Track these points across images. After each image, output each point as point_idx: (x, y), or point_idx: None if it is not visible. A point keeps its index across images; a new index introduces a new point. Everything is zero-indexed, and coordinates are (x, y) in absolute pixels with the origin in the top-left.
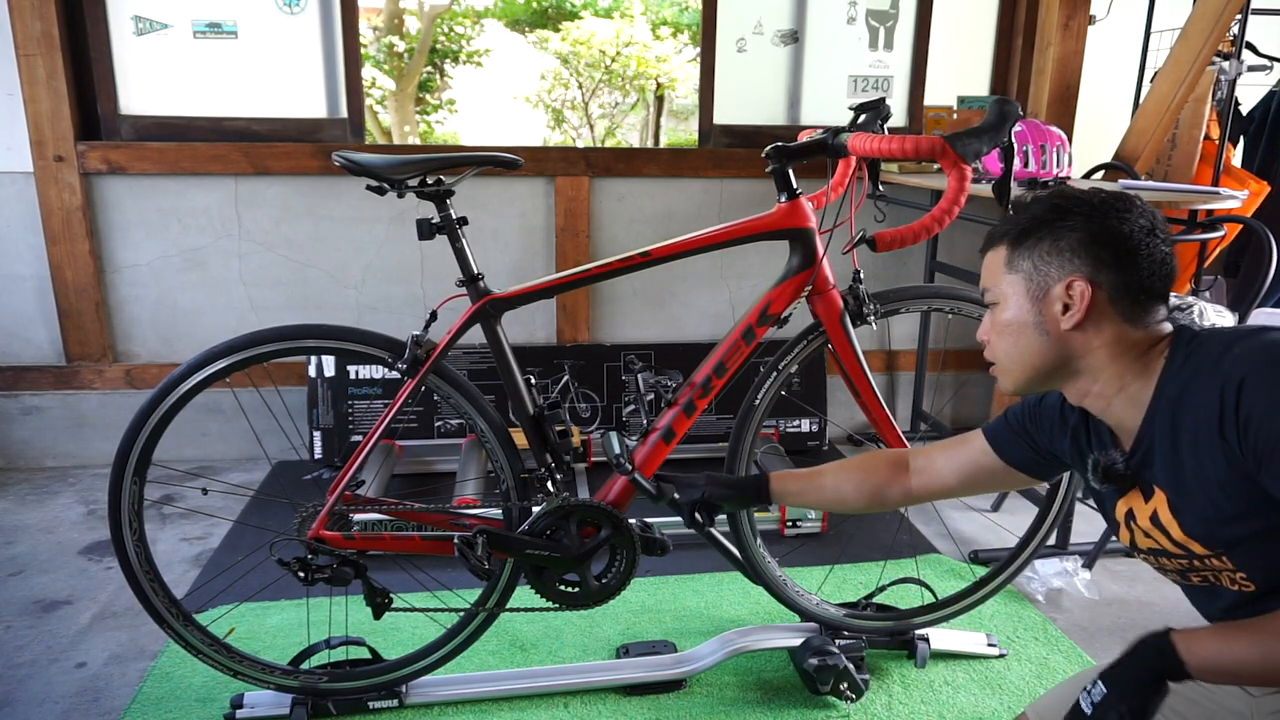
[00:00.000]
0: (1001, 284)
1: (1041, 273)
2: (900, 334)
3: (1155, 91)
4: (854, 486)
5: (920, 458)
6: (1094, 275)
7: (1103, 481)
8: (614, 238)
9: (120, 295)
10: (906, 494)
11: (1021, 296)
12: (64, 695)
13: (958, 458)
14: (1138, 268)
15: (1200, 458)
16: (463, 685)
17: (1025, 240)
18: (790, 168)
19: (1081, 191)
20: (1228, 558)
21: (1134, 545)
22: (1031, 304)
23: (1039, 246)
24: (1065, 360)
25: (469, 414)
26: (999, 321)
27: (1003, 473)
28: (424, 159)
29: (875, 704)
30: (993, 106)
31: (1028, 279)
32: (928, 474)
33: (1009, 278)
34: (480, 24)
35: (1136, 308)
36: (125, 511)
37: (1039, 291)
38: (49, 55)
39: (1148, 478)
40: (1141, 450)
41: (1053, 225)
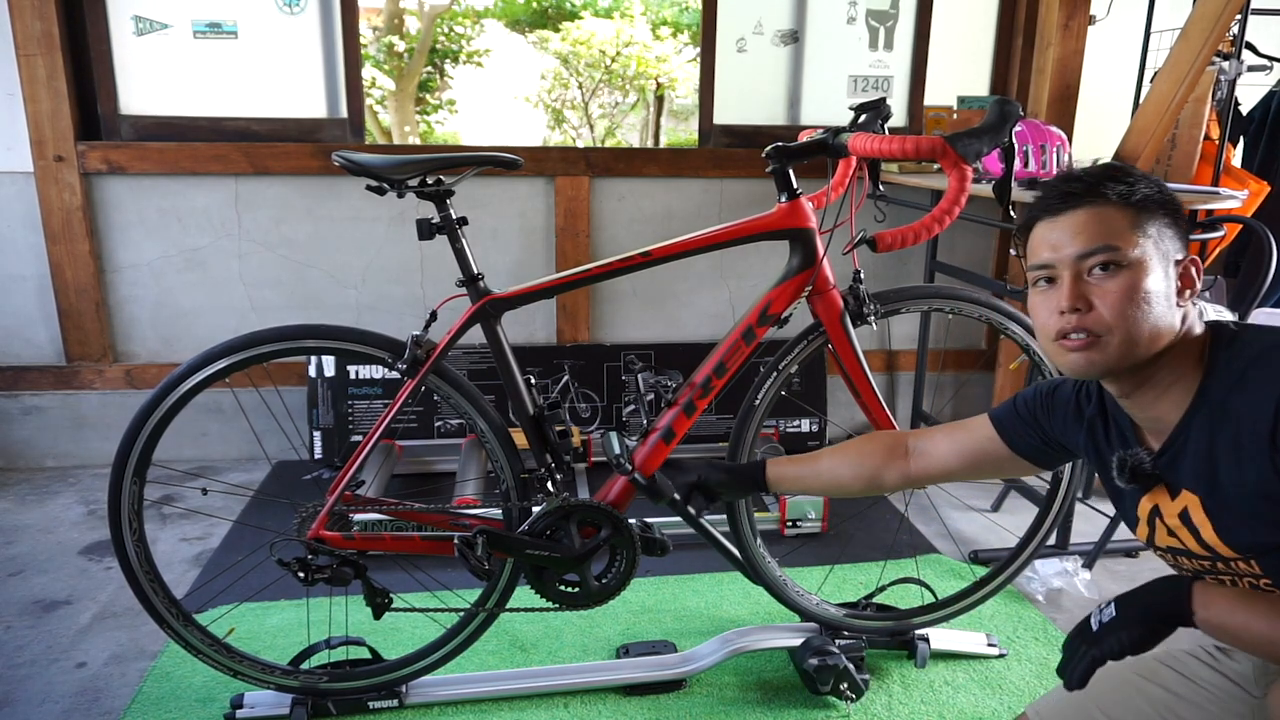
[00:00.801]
0: (1127, 243)
1: (1163, 246)
2: (900, 334)
3: (1155, 91)
4: (850, 470)
5: (921, 439)
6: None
7: (1129, 480)
8: (614, 238)
9: (120, 295)
10: (904, 477)
11: (1158, 263)
12: (64, 695)
13: (961, 441)
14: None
15: (1242, 465)
16: (463, 685)
17: (1147, 208)
18: (790, 168)
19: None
20: (1257, 563)
21: (1151, 542)
22: (1157, 266)
23: (1157, 218)
24: (1174, 340)
25: (469, 414)
26: (1138, 286)
27: (1007, 460)
28: (424, 159)
29: (875, 704)
30: (993, 107)
31: (1157, 246)
32: (928, 457)
33: (1136, 240)
34: (480, 24)
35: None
36: (125, 511)
37: (1161, 260)
38: (49, 55)
39: (1175, 478)
40: (1172, 450)
41: (1168, 205)
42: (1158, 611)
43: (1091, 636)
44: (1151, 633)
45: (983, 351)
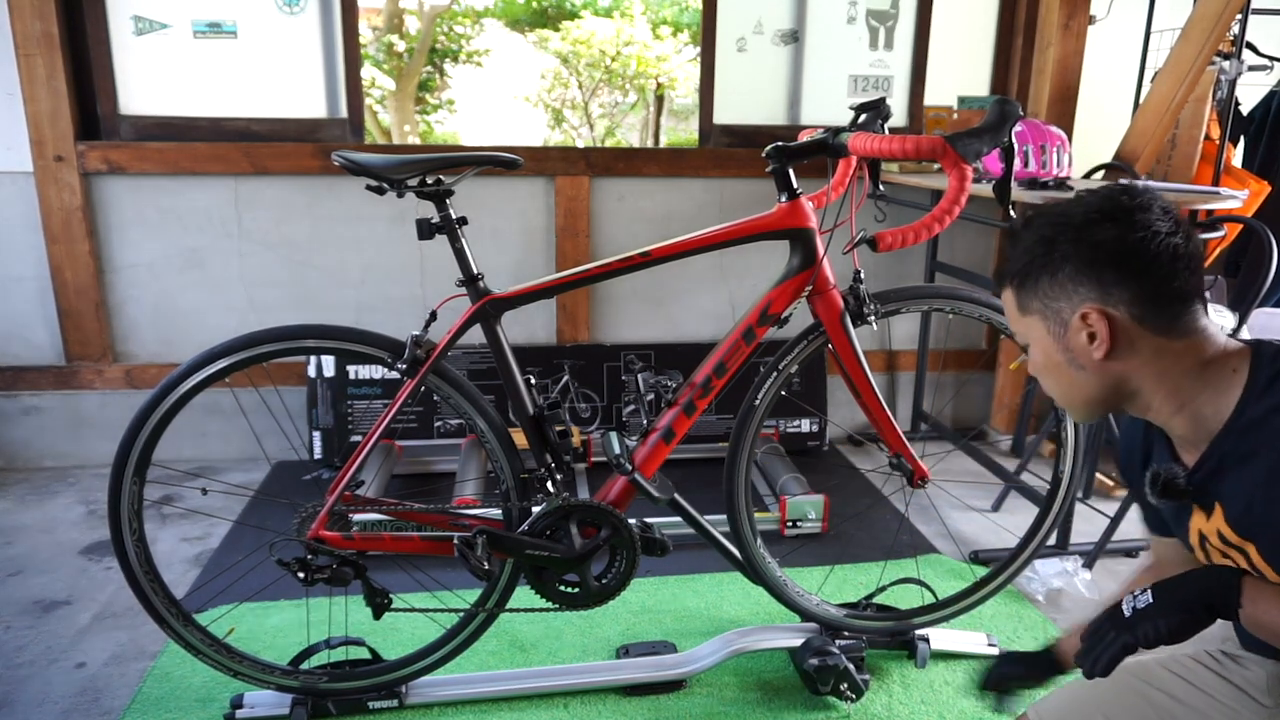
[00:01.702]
0: (1021, 328)
1: (1054, 310)
2: (900, 334)
3: (1155, 91)
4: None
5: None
6: (1104, 299)
7: (1161, 496)
8: (614, 238)
9: (120, 295)
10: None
11: (1044, 337)
12: (64, 695)
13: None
14: (1148, 275)
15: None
16: (463, 685)
17: (1026, 281)
18: (790, 167)
19: (1065, 207)
20: None
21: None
22: (1055, 343)
23: (1040, 285)
24: (1117, 386)
25: (469, 414)
26: (1035, 365)
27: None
28: (424, 159)
29: (875, 704)
30: (993, 107)
31: (1043, 319)
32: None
33: (1025, 320)
34: (480, 24)
35: (1166, 315)
36: (125, 511)
37: (1058, 329)
38: (49, 55)
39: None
40: (1206, 469)
41: (1046, 258)
42: (1202, 600)
43: (1124, 622)
44: (1192, 622)
45: (983, 351)
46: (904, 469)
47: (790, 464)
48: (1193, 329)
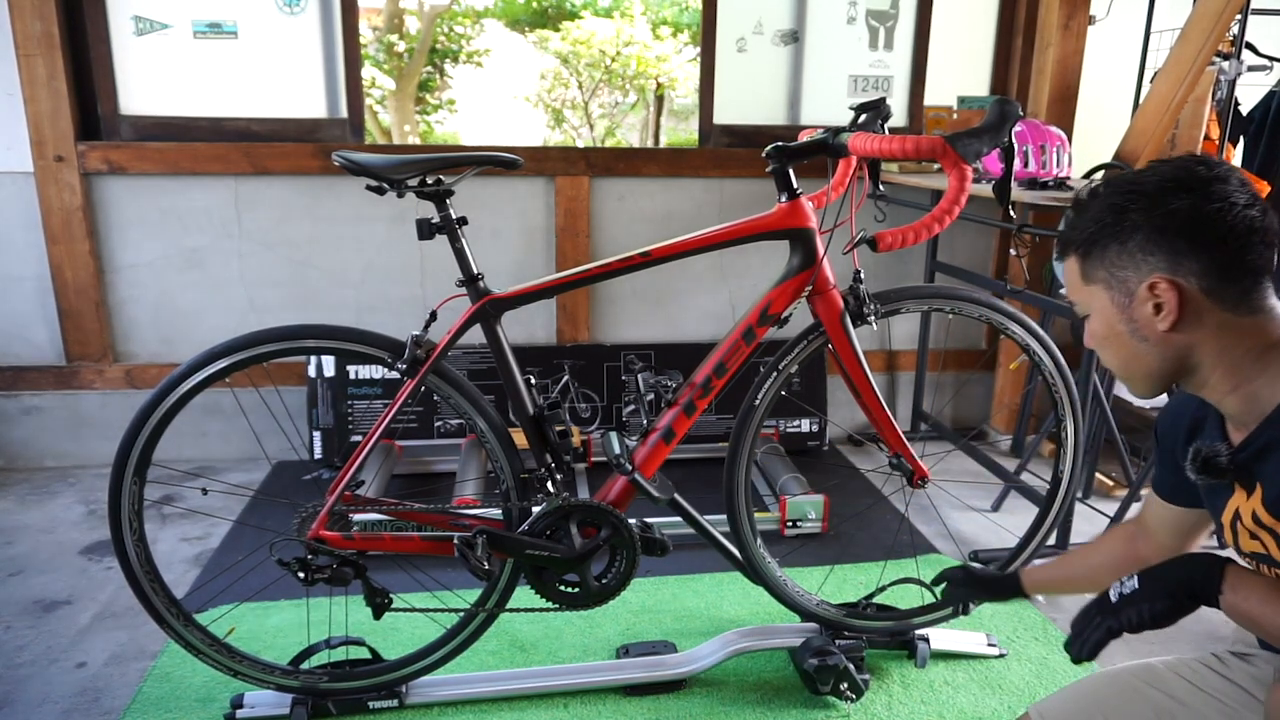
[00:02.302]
0: (1083, 297)
1: (1120, 279)
2: (900, 334)
3: (1155, 91)
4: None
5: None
6: (1174, 270)
7: (1199, 472)
8: (614, 238)
9: (120, 295)
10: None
11: (1108, 307)
12: (64, 695)
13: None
14: (1220, 246)
15: None
16: (463, 685)
17: (1093, 249)
18: (790, 167)
19: (1138, 175)
20: None
21: (1237, 548)
22: (1120, 313)
23: (1107, 253)
24: (1179, 360)
25: (469, 414)
26: (1095, 335)
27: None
28: (424, 159)
29: (875, 704)
30: (993, 107)
31: (1108, 288)
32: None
33: (1088, 289)
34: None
35: (1236, 290)
36: (125, 511)
37: (1124, 299)
38: (49, 55)
39: (1252, 476)
40: (1253, 449)
41: (1115, 226)
42: (1186, 586)
43: (1110, 607)
44: (1176, 607)
45: (983, 351)
46: (904, 469)
47: (790, 464)
48: (1261, 306)
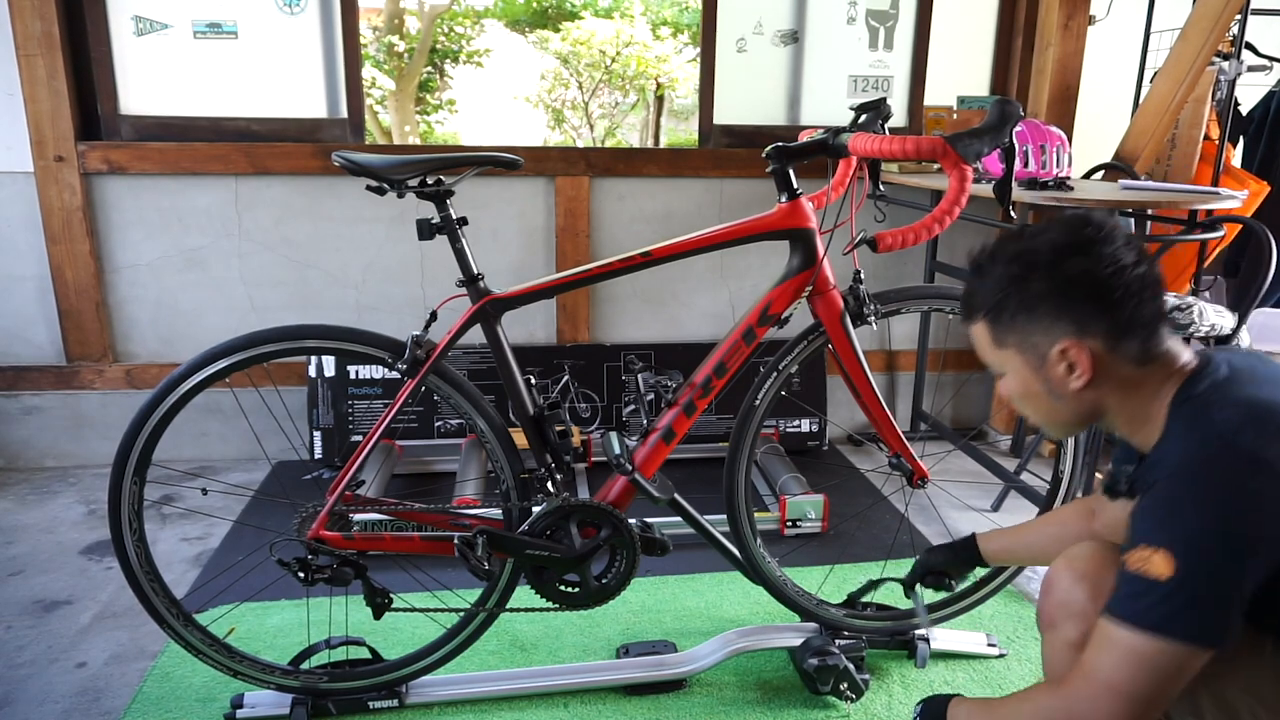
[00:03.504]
0: (996, 359)
1: (1030, 344)
2: (900, 334)
3: (1155, 91)
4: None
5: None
6: (1082, 333)
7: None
8: (614, 238)
9: (120, 295)
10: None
11: (1021, 368)
12: (64, 695)
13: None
14: (1123, 304)
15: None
16: (463, 685)
17: (1000, 316)
18: (791, 168)
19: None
20: None
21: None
22: (1034, 374)
23: (1015, 320)
24: (1092, 410)
25: (469, 414)
26: (1012, 393)
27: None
28: (424, 159)
29: (875, 704)
30: (994, 107)
31: (1020, 351)
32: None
33: (1000, 353)
34: (480, 24)
35: (1137, 344)
36: (125, 511)
37: (1036, 361)
38: (49, 55)
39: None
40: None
41: (1019, 294)
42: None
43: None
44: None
45: None
46: (904, 469)
47: (790, 464)
48: (1158, 354)
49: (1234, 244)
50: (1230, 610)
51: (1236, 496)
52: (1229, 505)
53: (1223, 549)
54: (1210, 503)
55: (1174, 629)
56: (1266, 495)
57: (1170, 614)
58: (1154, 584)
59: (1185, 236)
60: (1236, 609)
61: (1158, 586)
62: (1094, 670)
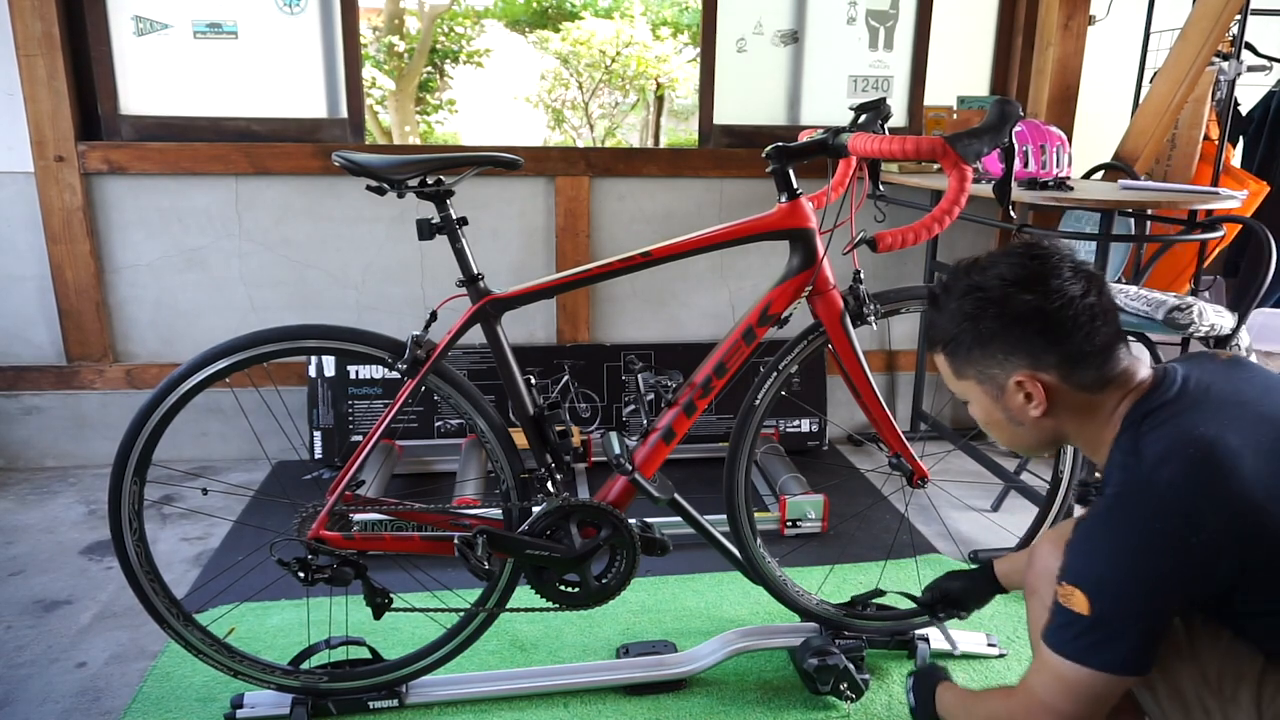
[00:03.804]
0: (958, 389)
1: (988, 376)
2: (900, 334)
3: (1155, 91)
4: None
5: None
6: (1036, 366)
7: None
8: (614, 238)
9: (120, 295)
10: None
11: (982, 399)
12: (64, 695)
13: None
14: (1072, 336)
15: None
16: (463, 685)
17: (957, 350)
18: (790, 168)
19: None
20: None
21: None
22: (994, 403)
23: (972, 354)
24: (1054, 435)
25: (469, 414)
26: (978, 419)
27: None
28: (424, 159)
29: (875, 704)
30: (993, 107)
31: (979, 382)
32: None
33: (961, 383)
34: (480, 24)
35: (1091, 371)
36: (125, 511)
37: (995, 392)
38: (49, 55)
39: None
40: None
41: (973, 329)
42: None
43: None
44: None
45: None
46: (904, 469)
47: (790, 464)
48: (1113, 378)
49: (1234, 244)
50: (1145, 642)
51: (1145, 539)
52: (1137, 551)
53: (1132, 592)
54: (1120, 548)
55: (1094, 661)
56: (1175, 535)
57: (1089, 647)
58: (1077, 618)
59: (1185, 236)
60: (1152, 640)
61: (1079, 621)
62: (1033, 688)
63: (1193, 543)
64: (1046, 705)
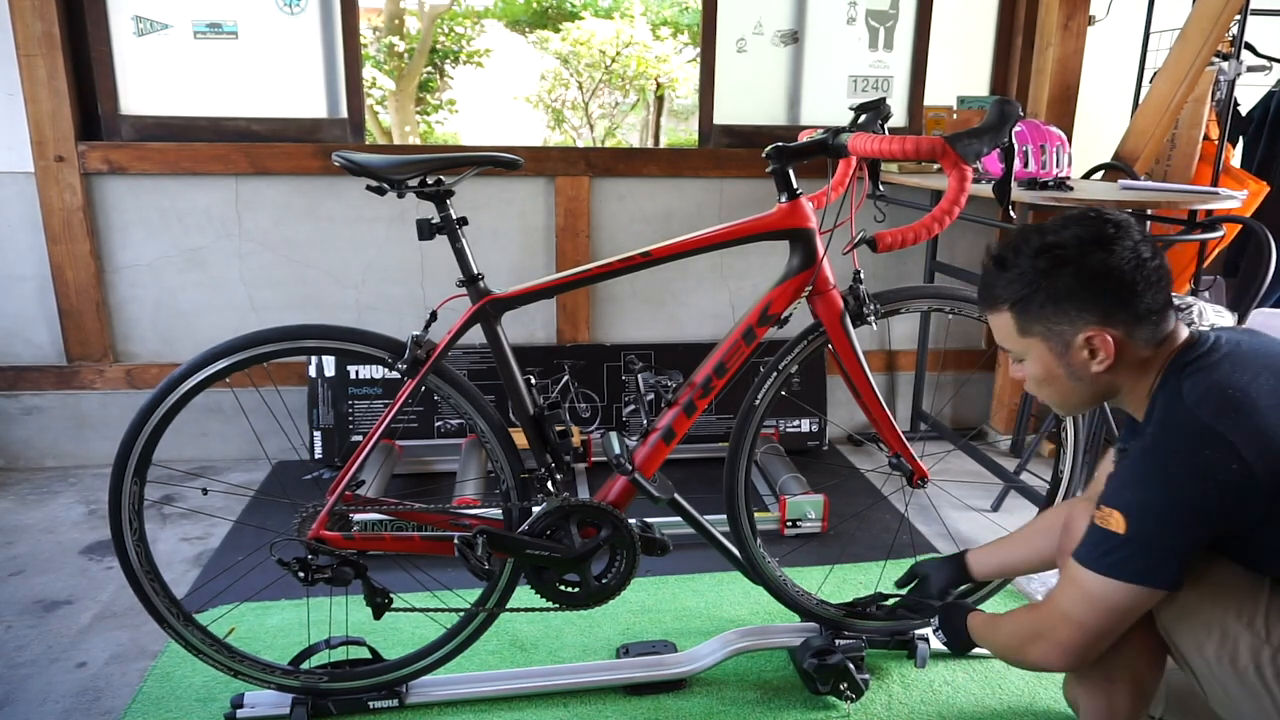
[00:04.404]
0: (1019, 347)
1: (1056, 332)
2: (900, 334)
3: (1155, 91)
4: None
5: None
6: (1106, 321)
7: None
8: (614, 238)
9: (120, 295)
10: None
11: (1045, 354)
12: (64, 695)
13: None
14: (1141, 295)
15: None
16: (463, 685)
17: (1028, 306)
18: (790, 168)
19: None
20: None
21: None
22: (1058, 360)
23: (1044, 310)
24: (1108, 390)
25: (469, 414)
26: (1033, 378)
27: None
28: (424, 159)
29: (875, 704)
30: (993, 107)
31: (1045, 339)
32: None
33: (1025, 341)
34: (480, 24)
35: (1152, 328)
36: (125, 511)
37: (1060, 348)
38: (50, 55)
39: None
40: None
41: (1048, 284)
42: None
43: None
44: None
45: (983, 351)
46: (904, 469)
47: (790, 464)
48: (1167, 335)
49: (1234, 244)
50: (1174, 562)
51: (1185, 468)
52: (1176, 479)
53: (1169, 515)
54: (1159, 476)
55: (1122, 574)
56: (1214, 465)
57: (1120, 561)
58: (1112, 537)
59: (1185, 236)
60: (1181, 560)
61: (1114, 538)
62: (1059, 601)
63: (1228, 473)
64: (1070, 617)
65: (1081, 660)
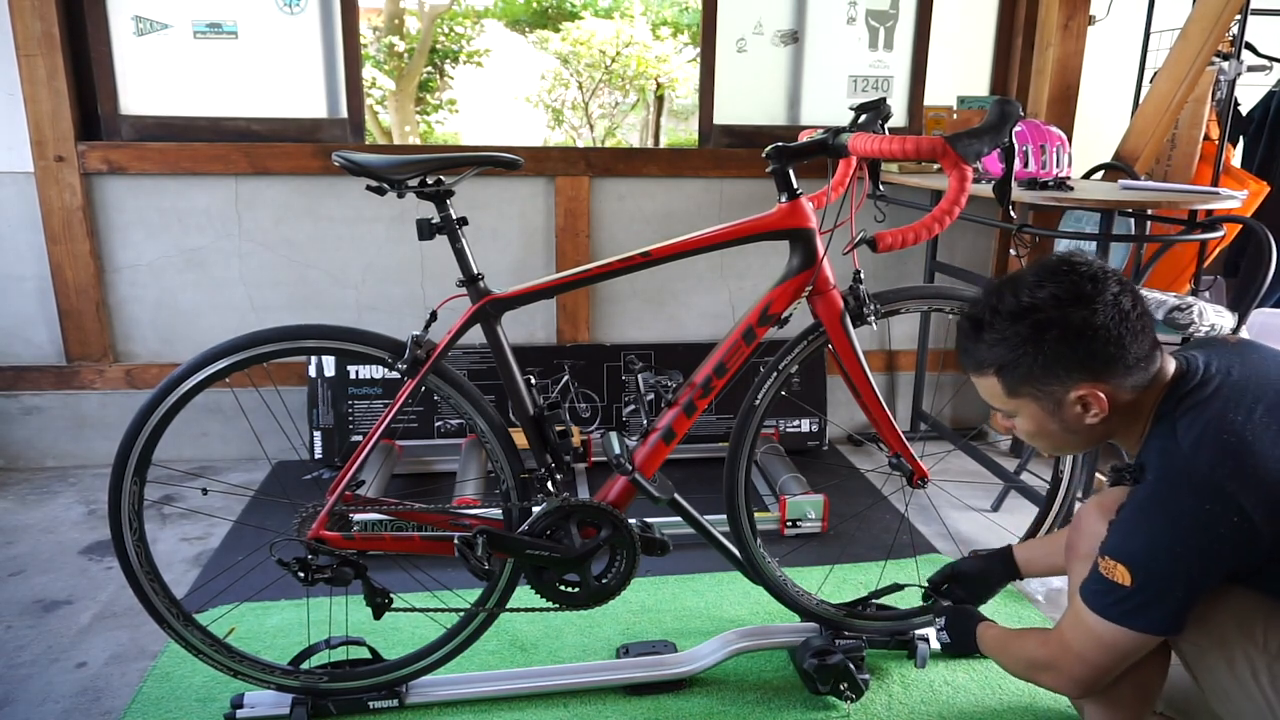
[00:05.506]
0: (1010, 407)
1: (1046, 393)
2: (900, 334)
3: (1155, 91)
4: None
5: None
6: (1095, 379)
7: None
8: (614, 238)
9: (120, 295)
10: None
11: (1037, 412)
12: (64, 695)
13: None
14: (1129, 348)
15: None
16: (463, 685)
17: (1014, 371)
18: (791, 168)
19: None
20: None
21: None
22: (1050, 416)
23: (1031, 374)
24: (1101, 436)
25: (469, 414)
26: (1026, 433)
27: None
28: (424, 159)
29: (875, 704)
30: (993, 107)
31: (1035, 399)
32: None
33: (1015, 401)
34: (480, 24)
35: (1141, 374)
36: (125, 511)
37: (1052, 406)
38: (49, 55)
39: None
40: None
41: (1033, 349)
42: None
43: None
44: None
45: None
46: (904, 469)
47: (790, 464)
48: (1155, 373)
49: (1234, 244)
50: (1179, 610)
51: (1184, 522)
52: (1178, 532)
53: (1171, 569)
54: (1161, 529)
55: (1129, 624)
56: (1216, 518)
57: (1127, 612)
58: (1117, 587)
59: (1185, 236)
60: (1186, 608)
61: (1120, 589)
62: (1070, 641)
63: (1230, 525)
64: (1080, 656)
65: (1091, 690)
